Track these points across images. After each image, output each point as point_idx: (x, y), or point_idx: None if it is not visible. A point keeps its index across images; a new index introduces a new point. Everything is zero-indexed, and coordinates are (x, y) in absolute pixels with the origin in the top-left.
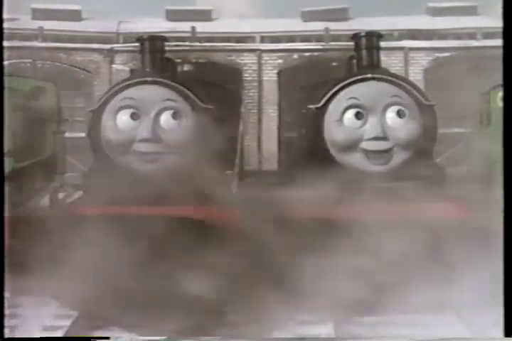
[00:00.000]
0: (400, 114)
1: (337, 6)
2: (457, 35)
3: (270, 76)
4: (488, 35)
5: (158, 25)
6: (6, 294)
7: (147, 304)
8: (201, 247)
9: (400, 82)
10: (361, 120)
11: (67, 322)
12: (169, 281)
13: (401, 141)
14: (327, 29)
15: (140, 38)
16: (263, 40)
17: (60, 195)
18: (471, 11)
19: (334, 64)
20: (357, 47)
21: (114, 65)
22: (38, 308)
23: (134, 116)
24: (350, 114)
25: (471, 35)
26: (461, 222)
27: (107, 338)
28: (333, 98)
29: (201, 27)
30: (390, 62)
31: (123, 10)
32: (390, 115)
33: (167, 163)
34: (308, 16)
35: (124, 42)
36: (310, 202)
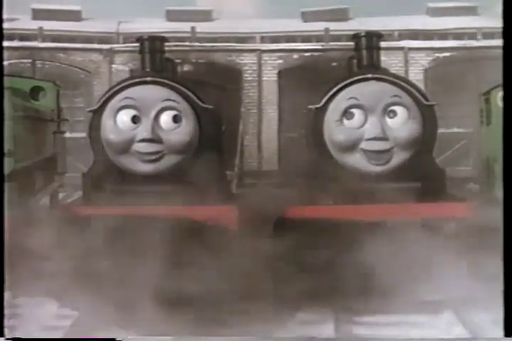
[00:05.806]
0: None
1: (337, 6)
2: (457, 35)
3: (270, 76)
4: (488, 35)
5: (158, 25)
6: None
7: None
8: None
9: (400, 82)
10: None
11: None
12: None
13: (401, 141)
14: (327, 29)
15: (140, 38)
16: (263, 40)
17: (60, 195)
18: (471, 11)
19: (334, 64)
20: (357, 48)
21: (113, 65)
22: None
23: (134, 117)
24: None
25: (471, 35)
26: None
27: (112, 339)
28: (333, 98)
29: (201, 27)
30: (390, 62)
31: (123, 10)
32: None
33: (167, 163)
34: (308, 16)
35: (124, 43)
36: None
